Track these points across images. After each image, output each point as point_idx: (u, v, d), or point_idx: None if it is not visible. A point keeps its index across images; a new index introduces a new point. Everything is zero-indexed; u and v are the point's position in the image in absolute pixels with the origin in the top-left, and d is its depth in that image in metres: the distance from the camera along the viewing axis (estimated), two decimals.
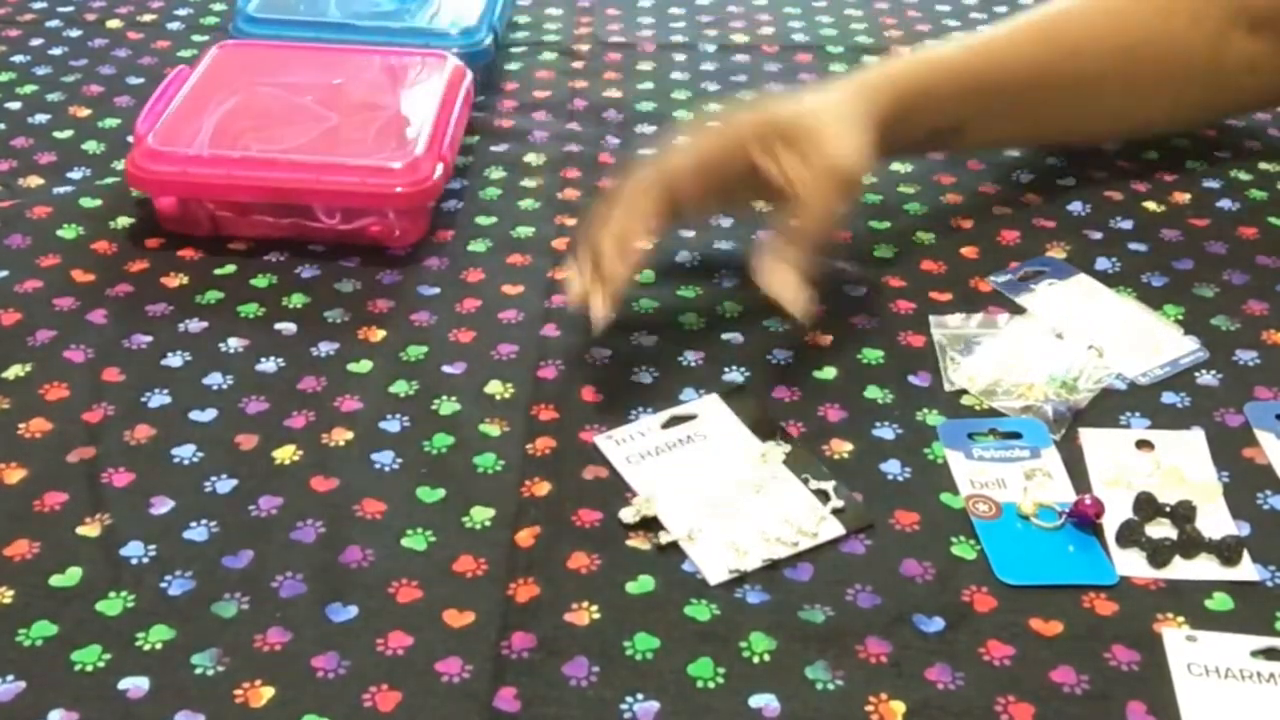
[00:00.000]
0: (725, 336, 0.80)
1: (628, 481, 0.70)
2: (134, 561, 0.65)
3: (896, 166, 0.98)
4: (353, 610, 0.63)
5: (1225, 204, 0.94)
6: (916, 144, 0.88)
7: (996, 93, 0.88)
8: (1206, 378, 0.78)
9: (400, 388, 0.77)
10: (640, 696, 0.59)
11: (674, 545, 0.67)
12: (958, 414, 0.75)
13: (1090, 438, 0.73)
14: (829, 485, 0.70)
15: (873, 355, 0.80)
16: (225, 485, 0.70)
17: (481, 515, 0.68)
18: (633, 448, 0.73)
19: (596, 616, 0.63)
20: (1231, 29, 0.92)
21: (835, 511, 0.69)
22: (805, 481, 0.71)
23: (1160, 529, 0.68)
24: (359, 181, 0.86)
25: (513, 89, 1.09)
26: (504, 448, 0.72)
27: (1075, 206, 0.94)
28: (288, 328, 0.81)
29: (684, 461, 0.72)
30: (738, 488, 0.70)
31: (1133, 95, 0.93)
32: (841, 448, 0.73)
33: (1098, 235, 0.90)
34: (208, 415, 0.74)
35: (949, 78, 0.86)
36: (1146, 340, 0.80)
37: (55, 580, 0.64)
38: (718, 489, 0.70)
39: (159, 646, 0.61)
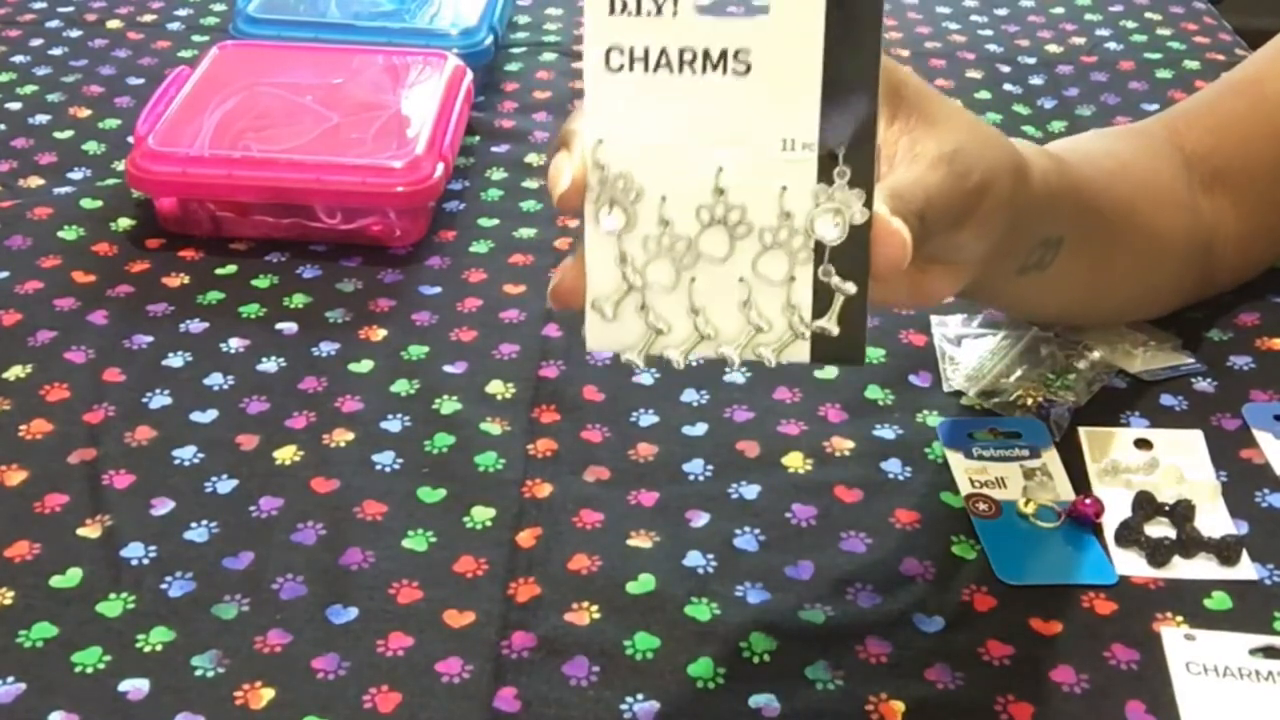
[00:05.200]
0: None
1: (589, 95, 0.48)
2: (134, 563, 0.65)
3: None
4: (353, 612, 0.63)
5: None
6: (1022, 258, 0.67)
7: (1090, 208, 0.71)
8: (1203, 384, 0.78)
9: (401, 387, 0.77)
10: (640, 696, 0.59)
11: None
12: (958, 414, 0.75)
13: (1090, 437, 0.73)
14: (847, 289, 0.49)
15: (873, 355, 0.80)
16: (226, 486, 0.70)
17: (482, 515, 0.68)
18: (633, 35, 0.47)
19: (596, 616, 0.63)
20: (1195, 191, 0.79)
21: (817, 336, 0.50)
22: (818, 254, 0.48)
23: (1159, 528, 0.68)
24: (359, 181, 0.86)
25: (513, 89, 1.09)
26: (505, 446, 0.73)
27: None
28: (289, 328, 0.81)
29: (682, 96, 0.48)
30: (713, 218, 0.49)
31: (1155, 240, 0.77)
32: (842, 446, 0.73)
33: None
34: (208, 416, 0.74)
35: (1075, 177, 0.70)
36: (1145, 342, 0.80)
37: (56, 581, 0.64)
38: (689, 196, 0.48)
39: (159, 648, 0.61)
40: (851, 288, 0.49)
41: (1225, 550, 0.66)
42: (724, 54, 0.47)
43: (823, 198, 0.48)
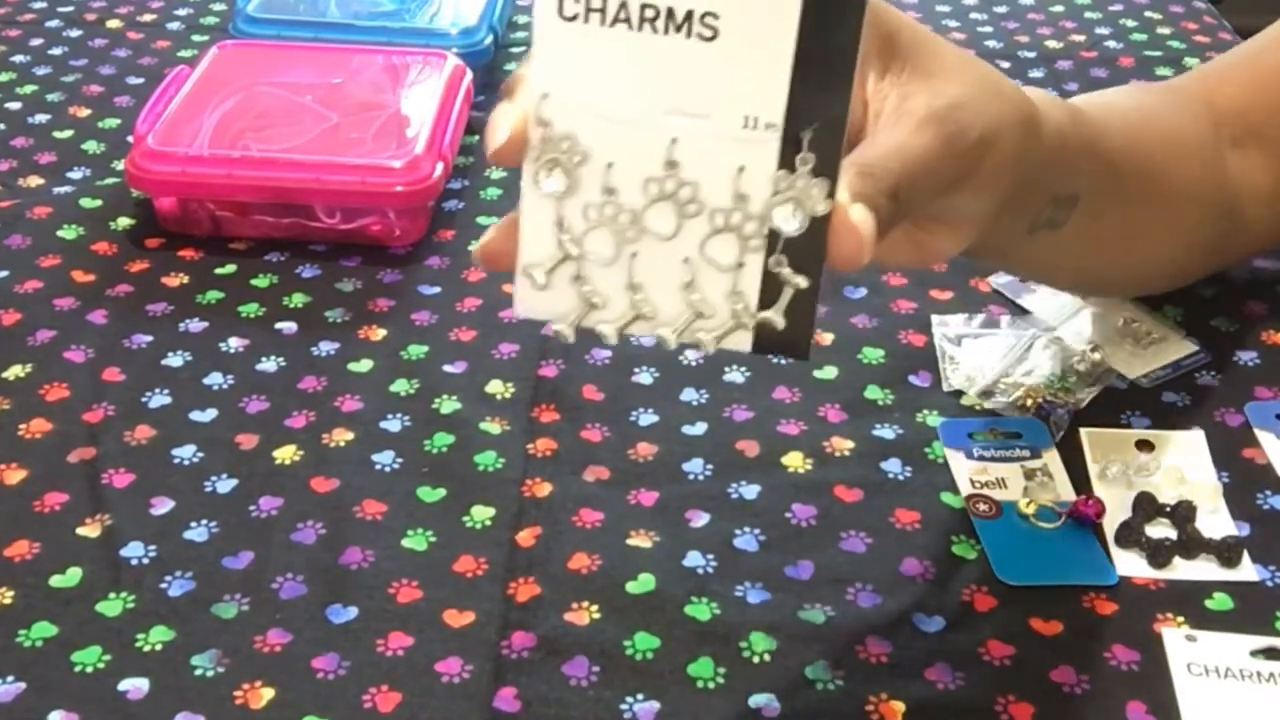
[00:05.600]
0: None
1: (537, 43, 0.45)
2: (134, 562, 0.65)
3: None
4: (353, 611, 0.63)
5: None
6: (1032, 215, 0.63)
7: (1110, 164, 0.68)
8: (1206, 378, 0.78)
9: (401, 387, 0.77)
10: (640, 696, 0.59)
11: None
12: (958, 414, 0.75)
13: (1090, 437, 0.73)
14: (798, 282, 0.46)
15: (873, 355, 0.80)
16: (225, 485, 0.70)
17: (482, 515, 0.68)
18: None
19: (596, 616, 0.63)
20: (1223, 147, 0.77)
21: (761, 326, 0.47)
22: (771, 241, 0.46)
23: (1160, 529, 0.68)
24: (359, 181, 0.86)
25: None
26: (505, 446, 0.72)
27: None
28: (288, 327, 0.81)
29: (640, 56, 0.44)
30: (662, 192, 0.46)
31: (1180, 199, 0.74)
32: (842, 446, 0.73)
33: None
34: (208, 415, 0.74)
35: (1092, 130, 0.66)
36: (1148, 342, 0.80)
37: (55, 581, 0.64)
38: (638, 166, 0.45)
39: (159, 647, 0.61)
40: (803, 281, 0.46)
41: (1226, 551, 0.66)
42: (690, 15, 0.43)
43: (782, 185, 0.45)
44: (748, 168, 0.45)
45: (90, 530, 0.67)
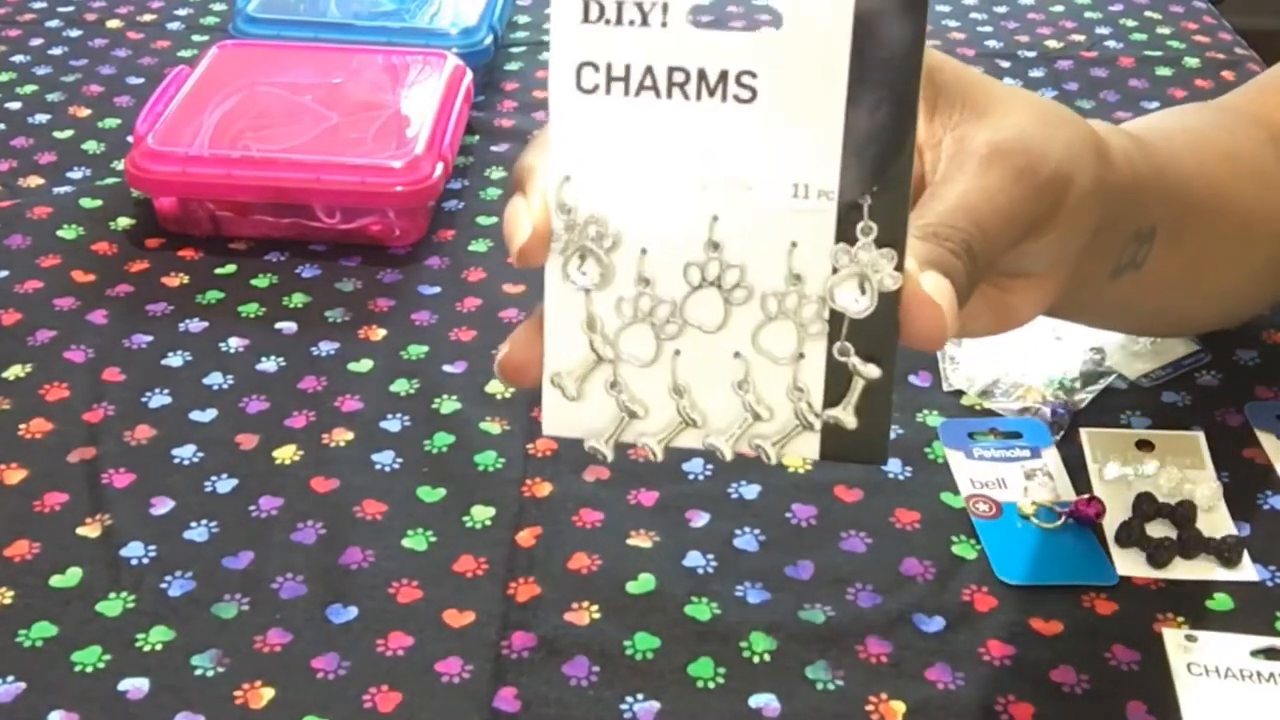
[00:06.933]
0: None
1: (555, 121, 0.41)
2: (134, 562, 0.65)
3: None
4: (353, 611, 0.63)
5: None
6: (1112, 258, 0.58)
7: (1179, 190, 0.63)
8: (1206, 378, 0.78)
9: (401, 387, 0.77)
10: (640, 696, 0.59)
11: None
12: (958, 414, 0.75)
13: (1090, 437, 0.73)
14: (869, 372, 0.41)
15: None
16: (225, 485, 0.70)
17: (482, 514, 0.68)
18: (612, 48, 0.39)
19: (596, 616, 0.63)
20: None
21: (829, 427, 0.42)
22: (834, 326, 0.41)
23: (1160, 529, 0.68)
24: (359, 181, 0.86)
25: (513, 89, 1.09)
26: (505, 446, 0.72)
27: None
28: (288, 327, 0.81)
29: (670, 126, 0.40)
30: (704, 278, 0.41)
31: (1247, 227, 0.69)
32: None
33: None
34: (208, 415, 0.74)
35: (1157, 155, 0.61)
36: (1148, 342, 0.80)
37: (55, 581, 0.64)
38: (676, 250, 0.41)
39: (159, 647, 0.61)
40: (874, 371, 0.41)
41: (1226, 551, 0.66)
42: (724, 76, 0.39)
43: (843, 260, 0.40)
44: (801, 243, 0.40)
45: (90, 530, 0.67)
